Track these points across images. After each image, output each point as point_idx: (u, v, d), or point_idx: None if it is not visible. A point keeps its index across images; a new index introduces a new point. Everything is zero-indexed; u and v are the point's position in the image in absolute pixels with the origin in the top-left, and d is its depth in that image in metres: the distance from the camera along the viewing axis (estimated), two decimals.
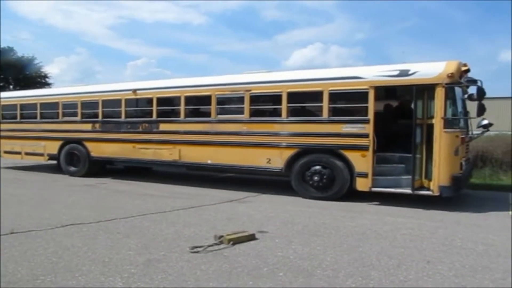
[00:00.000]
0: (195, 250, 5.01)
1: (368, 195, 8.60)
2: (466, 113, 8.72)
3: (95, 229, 6.12)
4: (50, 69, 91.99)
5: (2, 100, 15.35)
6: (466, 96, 8.53)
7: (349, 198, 8.78)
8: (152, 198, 9.00)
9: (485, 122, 8.35)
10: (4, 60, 39.74)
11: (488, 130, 8.75)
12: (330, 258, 4.82)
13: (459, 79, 7.90)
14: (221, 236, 5.38)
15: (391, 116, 9.45)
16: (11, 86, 40.19)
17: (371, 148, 8.30)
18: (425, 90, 8.18)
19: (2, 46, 41.35)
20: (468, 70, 8.15)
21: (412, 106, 8.48)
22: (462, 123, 8.51)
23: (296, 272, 4.35)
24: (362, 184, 8.49)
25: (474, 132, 9.23)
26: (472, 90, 8.32)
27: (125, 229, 6.15)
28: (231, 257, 4.81)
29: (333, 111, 8.82)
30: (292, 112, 9.25)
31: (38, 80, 42.38)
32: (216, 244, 5.26)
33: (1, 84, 40.16)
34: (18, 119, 14.57)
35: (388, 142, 8.56)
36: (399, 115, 9.14)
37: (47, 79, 43.67)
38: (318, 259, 4.78)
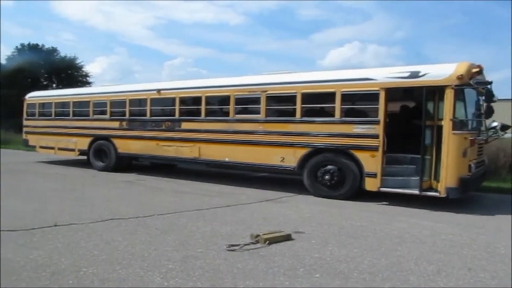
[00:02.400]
0: (232, 248, 5.05)
1: (376, 194, 8.67)
2: (480, 115, 8.58)
3: (134, 224, 6.26)
4: (91, 68, 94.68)
5: (38, 98, 16.48)
6: (483, 98, 8.45)
7: (358, 197, 8.88)
8: (188, 196, 9.13)
9: (494, 124, 8.39)
10: (48, 60, 41.21)
11: (504, 133, 8.77)
12: (367, 261, 4.76)
13: (469, 80, 7.78)
14: (258, 236, 5.40)
15: (407, 117, 9.33)
16: (54, 85, 41.60)
17: (380, 149, 8.41)
18: (436, 92, 8.15)
19: (46, 47, 42.94)
20: (480, 72, 8.02)
21: (428, 107, 8.38)
22: (473, 125, 8.42)
23: (332, 274, 4.31)
24: (371, 184, 8.60)
25: (491, 134, 9.09)
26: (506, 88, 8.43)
27: (163, 225, 6.27)
28: (267, 257, 4.82)
29: (345, 112, 9.00)
30: (305, 112, 9.46)
31: (80, 79, 43.67)
32: (252, 243, 5.29)
33: (45, 83, 41.64)
34: (52, 117, 15.40)
35: (403, 143, 8.50)
36: (415, 116, 8.96)
37: (88, 78, 44.97)
38: (355, 262, 4.73)
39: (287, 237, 5.59)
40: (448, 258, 4.98)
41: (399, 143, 8.49)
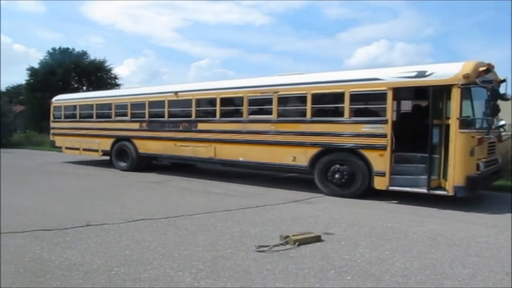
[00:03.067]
0: (261, 249, 5.04)
1: (385, 193, 8.76)
2: (489, 114, 8.36)
3: (164, 225, 6.32)
4: (120, 71, 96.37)
5: (64, 101, 17.09)
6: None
7: (367, 196, 8.99)
8: (216, 196, 9.17)
9: (502, 122, 8.49)
10: (78, 63, 42.14)
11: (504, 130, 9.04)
12: (399, 264, 4.66)
13: (476, 79, 7.76)
14: (287, 237, 5.37)
15: (419, 116, 9.19)
16: (84, 87, 42.49)
17: (388, 148, 8.51)
18: (444, 91, 8.20)
19: (76, 50, 43.90)
20: (487, 70, 8.02)
21: (436, 106, 8.45)
22: (481, 123, 8.32)
23: (364, 277, 4.24)
24: (379, 183, 8.71)
25: (504, 133, 9.35)
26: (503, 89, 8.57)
27: (192, 225, 6.30)
28: (297, 258, 4.79)
29: (354, 112, 9.11)
30: (316, 112, 9.66)
31: (109, 82, 44.44)
32: (282, 244, 5.26)
33: (76, 85, 42.57)
34: (77, 118, 16.04)
35: (415, 142, 8.51)
36: (427, 116, 8.77)
37: (117, 80, 45.72)
38: (386, 264, 4.64)
39: (317, 239, 5.54)
40: (484, 261, 4.83)
41: (411, 142, 8.55)
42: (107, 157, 15.10)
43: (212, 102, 11.62)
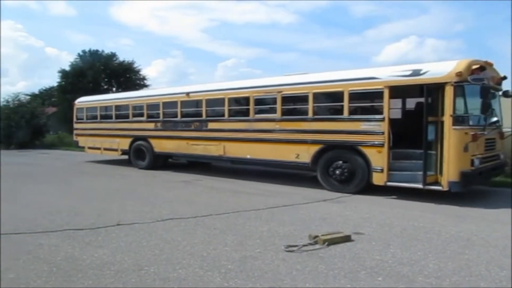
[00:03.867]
0: (290, 249, 4.99)
1: (384, 188, 8.98)
2: (481, 111, 8.34)
3: (193, 224, 6.35)
4: (148, 71, 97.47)
5: (86, 103, 17.87)
6: (500, 93, 9.18)
7: (366, 191, 9.29)
8: (244, 196, 9.16)
9: (494, 119, 8.58)
10: (107, 65, 42.86)
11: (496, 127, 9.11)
12: (432, 265, 4.54)
13: (468, 77, 7.99)
14: (316, 236, 5.31)
15: (422, 114, 9.04)
16: (113, 89, 43.19)
17: (386, 145, 8.78)
18: (439, 89, 8.31)
19: (105, 52, 44.65)
20: (482, 68, 8.17)
21: (432, 104, 8.58)
22: (478, 120, 8.38)
23: (396, 278, 4.15)
24: (378, 179, 8.99)
25: (505, 130, 9.63)
26: (506, 86, 9.11)
27: (221, 225, 6.31)
28: (327, 258, 4.72)
29: (353, 110, 9.43)
30: (317, 111, 10.04)
31: (138, 83, 45.03)
32: (311, 244, 5.20)
33: (106, 87, 43.31)
34: (98, 119, 16.84)
35: (417, 139, 8.61)
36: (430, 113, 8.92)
37: (145, 81, 46.29)
38: (419, 265, 4.53)
39: (347, 238, 5.46)
40: None
41: (414, 139, 8.69)
42: (126, 156, 15.70)
43: (220, 102, 12.05)
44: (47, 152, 22.79)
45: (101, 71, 42.79)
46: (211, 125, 12.32)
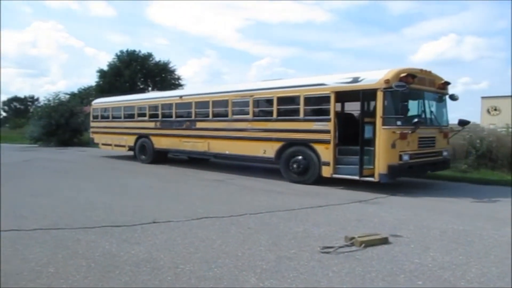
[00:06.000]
0: (326, 250, 4.91)
1: (333, 180, 10.26)
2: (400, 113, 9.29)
3: (227, 223, 6.35)
4: (184, 71, 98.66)
5: (100, 104, 19.93)
6: (447, 96, 10.95)
7: (320, 183, 10.46)
8: (279, 195, 9.12)
9: (415, 120, 9.27)
10: (144, 65, 43.62)
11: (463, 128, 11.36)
12: (475, 270, 4.36)
13: (393, 84, 9.00)
14: (353, 238, 5.21)
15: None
16: (149, 88, 43.93)
17: (332, 142, 10.10)
18: (373, 94, 9.42)
19: (142, 52, 45.44)
20: (412, 76, 9.28)
21: (369, 107, 10.08)
22: (405, 121, 9.27)
23: (436, 282, 4.01)
24: (326, 171, 10.29)
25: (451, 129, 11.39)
26: (452, 91, 10.96)
27: (255, 224, 6.28)
28: (364, 260, 4.62)
29: (307, 112, 10.77)
30: (280, 112, 11.41)
31: (173, 82, 45.66)
32: (347, 245, 5.10)
33: (142, 86, 44.12)
34: (110, 119, 18.77)
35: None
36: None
37: (180, 81, 46.89)
38: (461, 270, 4.36)
39: (384, 241, 5.33)
40: None
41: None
42: (132, 152, 17.45)
43: (206, 104, 13.64)
44: (84, 150, 23.37)
45: (137, 71, 43.58)
46: (199, 125, 13.98)
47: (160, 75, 45.06)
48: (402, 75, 9.19)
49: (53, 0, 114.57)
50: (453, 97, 10.94)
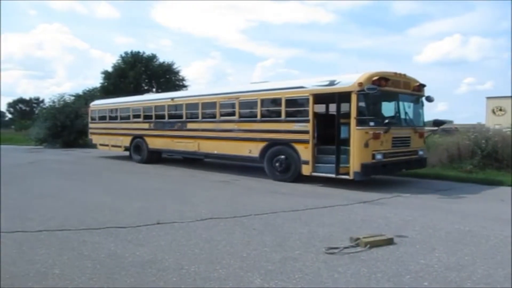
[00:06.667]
0: (331, 251, 4.90)
1: (313, 178, 10.76)
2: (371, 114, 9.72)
3: (231, 224, 6.35)
4: (188, 72, 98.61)
5: (98, 106, 20.40)
6: (423, 98, 11.45)
7: (299, 180, 10.97)
8: (284, 196, 9.11)
9: (386, 121, 9.81)
10: (148, 66, 43.65)
11: (439, 128, 12.31)
12: (481, 271, 4.34)
13: (365, 87, 9.40)
14: (358, 239, 5.19)
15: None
16: (154, 89, 43.95)
17: (311, 142, 10.57)
18: (348, 96, 9.82)
19: (146, 54, 45.48)
20: (384, 79, 9.77)
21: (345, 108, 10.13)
22: (378, 122, 9.70)
23: (443, 283, 3.99)
24: (305, 170, 10.77)
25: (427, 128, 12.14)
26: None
27: (259, 225, 6.27)
28: (369, 261, 4.60)
29: (288, 114, 11.24)
30: (264, 114, 11.98)
31: (177, 83, 45.64)
32: (352, 246, 5.09)
33: (146, 87, 44.15)
34: (107, 120, 19.27)
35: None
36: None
37: (184, 82, 46.87)
38: (467, 271, 4.34)
39: (389, 241, 5.32)
40: None
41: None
42: (127, 152, 18.00)
43: (196, 106, 14.24)
44: (89, 151, 23.41)
45: (142, 72, 43.58)
46: (189, 126, 14.49)
47: (165, 76, 45.05)
48: (375, 78, 9.64)
49: (59, 0, 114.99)
50: (429, 99, 11.48)
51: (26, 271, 4.26)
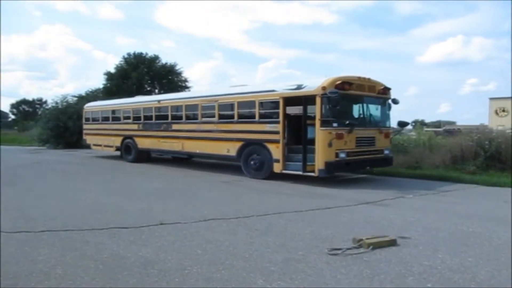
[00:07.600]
0: (334, 252, 4.89)
1: (283, 176, 11.45)
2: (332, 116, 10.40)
3: (234, 225, 6.34)
4: (191, 73, 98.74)
5: (92, 107, 21.21)
6: (390, 100, 12.16)
7: (272, 177, 11.63)
8: (287, 197, 9.11)
9: (347, 122, 10.53)
10: (151, 67, 43.65)
11: (401, 129, 13.69)
12: (485, 272, 4.32)
13: (327, 91, 10.17)
14: (360, 240, 5.18)
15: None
16: (156, 91, 43.96)
17: (281, 141, 11.35)
18: (313, 99, 10.52)
19: (149, 55, 45.48)
20: (348, 83, 10.57)
21: (311, 110, 10.87)
22: (341, 123, 10.42)
23: (446, 285, 3.97)
24: (277, 168, 11.53)
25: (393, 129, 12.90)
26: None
27: (262, 226, 6.27)
28: (372, 262, 4.59)
29: (261, 115, 12.04)
30: (240, 115, 12.73)
31: (179, 84, 45.62)
32: (355, 247, 5.08)
33: (149, 88, 44.15)
34: (100, 121, 20.17)
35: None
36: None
37: (186, 83, 46.84)
38: (470, 272, 4.33)
39: (392, 242, 5.30)
40: None
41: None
42: (119, 152, 18.79)
43: (180, 108, 15.16)
44: (91, 152, 23.42)
45: (144, 73, 43.58)
46: (174, 126, 15.31)
47: (167, 77, 45.04)
48: (338, 82, 10.41)
49: (62, 0, 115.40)
50: (395, 101, 12.22)
51: (29, 271, 4.26)
